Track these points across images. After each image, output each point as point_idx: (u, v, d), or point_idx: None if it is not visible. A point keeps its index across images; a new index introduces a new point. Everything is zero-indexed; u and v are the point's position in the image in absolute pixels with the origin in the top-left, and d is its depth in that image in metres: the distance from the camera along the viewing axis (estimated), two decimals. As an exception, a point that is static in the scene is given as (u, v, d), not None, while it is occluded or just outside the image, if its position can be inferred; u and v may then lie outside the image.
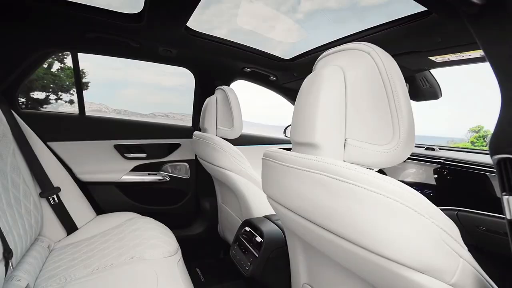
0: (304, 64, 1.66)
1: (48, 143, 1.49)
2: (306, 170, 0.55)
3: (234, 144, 1.36)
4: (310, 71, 0.67)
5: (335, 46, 0.63)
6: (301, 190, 0.57)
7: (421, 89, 1.32)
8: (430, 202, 0.44)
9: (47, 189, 1.34)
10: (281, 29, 1.66)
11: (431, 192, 1.40)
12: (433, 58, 1.18)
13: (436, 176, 1.40)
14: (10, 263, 0.90)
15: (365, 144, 0.54)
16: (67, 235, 1.36)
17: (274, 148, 0.72)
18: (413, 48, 1.15)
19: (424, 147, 1.63)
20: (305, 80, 0.66)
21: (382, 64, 0.52)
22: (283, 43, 1.77)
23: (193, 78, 1.92)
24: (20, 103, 1.54)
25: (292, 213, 0.64)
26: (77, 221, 1.40)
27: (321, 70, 0.60)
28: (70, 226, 1.37)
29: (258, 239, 1.09)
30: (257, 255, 1.05)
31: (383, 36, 1.14)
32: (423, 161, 1.46)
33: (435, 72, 1.33)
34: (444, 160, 1.38)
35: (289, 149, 0.68)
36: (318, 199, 0.52)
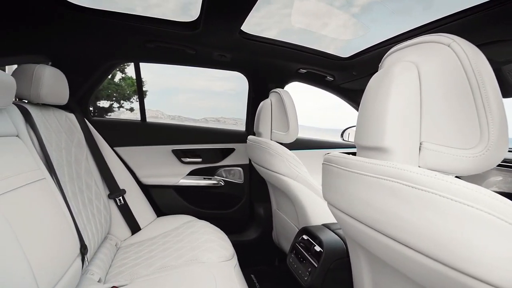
0: (365, 62, 1.56)
1: (114, 148, 1.61)
2: (375, 176, 0.51)
3: (289, 149, 1.32)
4: (373, 69, 0.62)
5: (401, 41, 0.58)
6: (369, 198, 0.53)
7: (511, 83, 1.14)
8: None
9: (114, 191, 1.45)
10: (335, 25, 1.57)
11: None
12: (527, 46, 1.00)
13: None
14: (85, 258, 0.98)
15: (445, 148, 0.48)
16: (132, 235, 1.45)
17: (335, 152, 0.69)
18: (499, 37, 1.00)
19: None
20: (372, 78, 0.62)
21: (466, 56, 0.46)
22: (338, 40, 1.68)
23: (243, 82, 1.93)
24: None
25: (358, 223, 0.59)
26: (140, 221, 1.49)
27: (391, 67, 0.55)
28: (134, 226, 1.46)
29: (317, 248, 1.03)
30: (316, 265, 1.00)
31: (459, 26, 1.02)
32: None
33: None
34: None
35: (349, 154, 0.64)
36: (390, 208, 0.48)
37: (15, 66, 1.21)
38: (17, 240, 0.69)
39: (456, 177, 0.43)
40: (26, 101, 1.14)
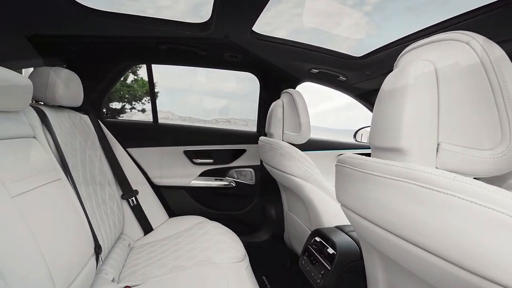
0: (378, 61, 1.52)
1: (127, 149, 1.63)
2: (391, 178, 0.50)
3: (301, 150, 1.30)
4: (387, 69, 0.61)
5: (416, 39, 0.57)
6: (385, 200, 0.52)
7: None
8: None
9: (127, 191, 1.46)
10: (347, 24, 1.55)
11: None
12: (551, 42, 0.96)
13: None
14: (100, 258, 0.99)
15: (464, 148, 0.46)
16: (144, 235, 1.46)
17: (349, 153, 0.68)
18: None
19: None
20: (387, 78, 0.60)
21: (486, 54, 0.44)
22: (350, 40, 1.66)
23: (254, 83, 1.92)
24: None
25: (373, 225, 0.58)
26: (152, 222, 1.51)
27: (407, 66, 0.54)
28: (146, 227, 1.48)
29: (330, 250, 1.02)
30: (329, 268, 0.99)
31: (476, 23, 0.99)
32: None
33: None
34: None
35: (363, 155, 0.63)
36: (407, 210, 0.47)
37: (31, 69, 1.24)
38: (34, 239, 0.70)
39: (475, 178, 0.42)
40: (42, 103, 1.17)
